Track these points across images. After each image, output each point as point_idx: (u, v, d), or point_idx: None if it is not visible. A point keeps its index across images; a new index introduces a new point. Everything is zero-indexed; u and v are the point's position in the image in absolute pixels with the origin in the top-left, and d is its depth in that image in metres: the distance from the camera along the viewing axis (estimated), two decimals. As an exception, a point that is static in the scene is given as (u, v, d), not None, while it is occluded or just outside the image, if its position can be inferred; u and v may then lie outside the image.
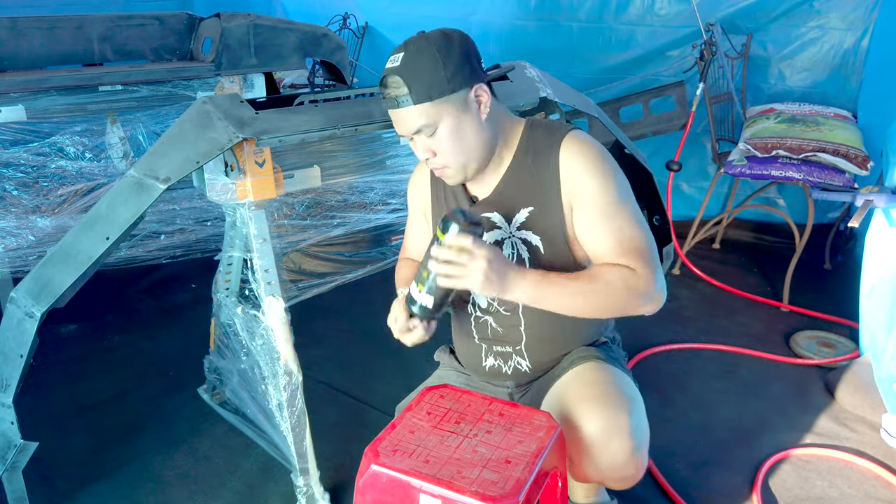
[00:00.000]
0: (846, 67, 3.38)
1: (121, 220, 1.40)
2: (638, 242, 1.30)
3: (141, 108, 2.75)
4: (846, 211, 3.32)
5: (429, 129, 1.27)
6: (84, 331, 2.68)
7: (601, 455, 1.24)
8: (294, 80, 4.60)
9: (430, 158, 1.32)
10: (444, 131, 1.28)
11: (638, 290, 1.26)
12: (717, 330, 2.69)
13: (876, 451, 1.94)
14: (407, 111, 1.26)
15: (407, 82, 1.24)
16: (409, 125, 1.28)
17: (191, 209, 2.49)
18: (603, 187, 1.30)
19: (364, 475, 1.07)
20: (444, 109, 1.26)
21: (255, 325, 1.66)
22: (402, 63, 1.25)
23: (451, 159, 1.31)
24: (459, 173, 1.34)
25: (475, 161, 1.33)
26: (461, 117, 1.28)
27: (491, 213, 1.40)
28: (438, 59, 1.24)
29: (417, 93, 1.24)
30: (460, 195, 1.45)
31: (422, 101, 1.24)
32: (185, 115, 1.48)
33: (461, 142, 1.29)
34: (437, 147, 1.30)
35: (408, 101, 1.25)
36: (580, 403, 1.27)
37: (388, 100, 1.28)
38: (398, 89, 1.25)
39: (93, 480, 1.84)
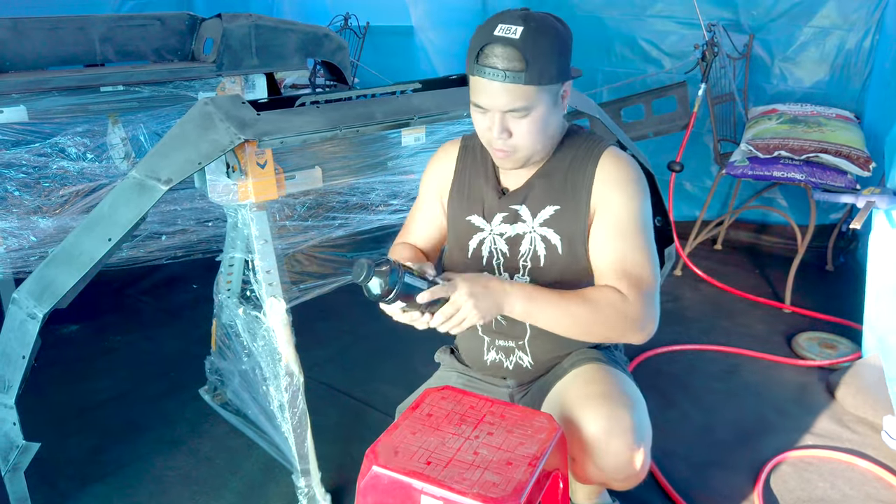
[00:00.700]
0: (848, 68, 3.38)
1: (123, 221, 1.40)
2: (640, 270, 1.29)
3: (142, 108, 2.75)
4: (848, 212, 3.32)
5: (524, 111, 1.23)
6: (85, 331, 2.68)
7: (603, 454, 1.24)
8: (295, 81, 4.61)
9: (504, 139, 1.26)
10: (535, 118, 1.24)
11: (627, 318, 1.25)
12: (718, 331, 2.69)
13: (877, 452, 1.94)
14: (512, 88, 1.20)
15: (527, 59, 1.17)
16: (504, 101, 1.22)
17: (192, 210, 2.49)
18: (628, 206, 1.31)
19: (365, 476, 1.07)
20: (543, 97, 1.23)
21: (257, 326, 1.66)
22: (523, 38, 1.18)
23: (528, 144, 1.28)
24: (524, 158, 1.31)
25: (542, 152, 1.33)
26: (552, 109, 1.26)
27: (518, 206, 1.39)
28: (556, 45, 1.21)
29: (532, 73, 1.18)
30: (489, 183, 1.42)
31: (532, 83, 1.19)
32: (186, 117, 1.48)
33: (543, 131, 1.27)
34: (518, 129, 1.25)
35: (519, 79, 1.18)
36: (581, 403, 1.27)
37: (492, 70, 1.19)
38: (511, 62, 1.18)
39: (94, 481, 1.84)
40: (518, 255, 1.40)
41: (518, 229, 1.39)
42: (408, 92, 1.87)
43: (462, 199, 1.46)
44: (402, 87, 1.88)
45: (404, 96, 1.81)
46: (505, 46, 1.18)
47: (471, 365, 1.56)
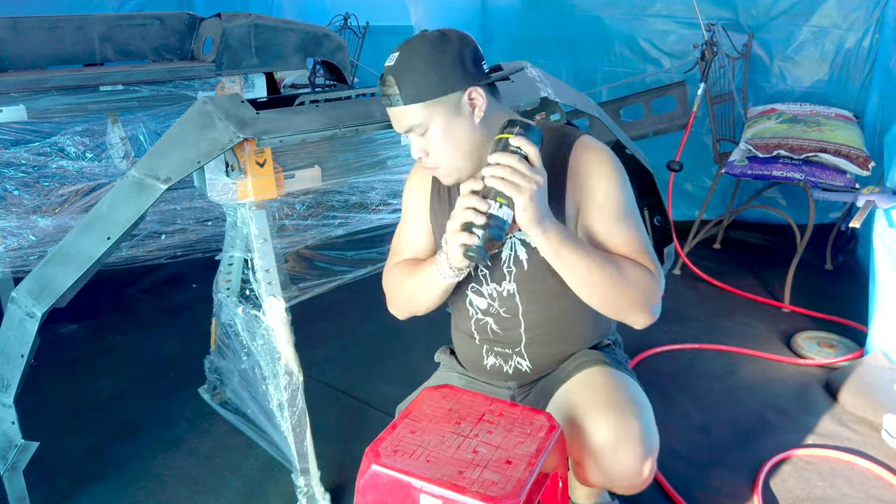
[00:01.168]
0: (848, 67, 3.38)
1: (122, 220, 1.40)
2: (645, 248, 1.31)
3: (142, 107, 2.75)
4: (847, 211, 3.32)
5: (419, 128, 1.27)
6: (85, 331, 2.68)
7: (611, 463, 1.23)
8: (295, 80, 4.61)
9: (423, 157, 1.32)
10: (435, 132, 1.27)
11: (647, 293, 1.26)
12: (718, 330, 2.69)
13: (877, 451, 1.94)
14: (400, 110, 1.27)
15: (398, 82, 1.24)
16: (400, 124, 1.29)
17: (191, 209, 2.49)
18: (612, 193, 1.31)
19: (365, 475, 1.07)
20: (434, 111, 1.26)
21: (256, 325, 1.66)
22: (396, 63, 1.25)
23: (443, 160, 1.30)
24: (452, 174, 1.33)
25: (467, 163, 1.31)
26: (452, 120, 1.27)
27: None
28: (431, 60, 1.24)
29: (407, 94, 1.24)
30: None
31: (412, 102, 1.25)
32: (185, 115, 1.48)
33: (452, 144, 1.28)
34: (428, 147, 1.30)
35: (399, 101, 1.25)
36: (588, 410, 1.27)
37: (384, 97, 1.29)
38: (391, 88, 1.26)
39: (93, 480, 1.84)
40: (500, 263, 1.39)
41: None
42: (407, 91, 1.86)
43: (443, 211, 1.46)
44: (402, 86, 1.88)
45: (404, 95, 1.81)
46: (386, 75, 1.26)
47: (471, 370, 1.55)
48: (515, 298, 1.40)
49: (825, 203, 3.41)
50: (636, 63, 3.83)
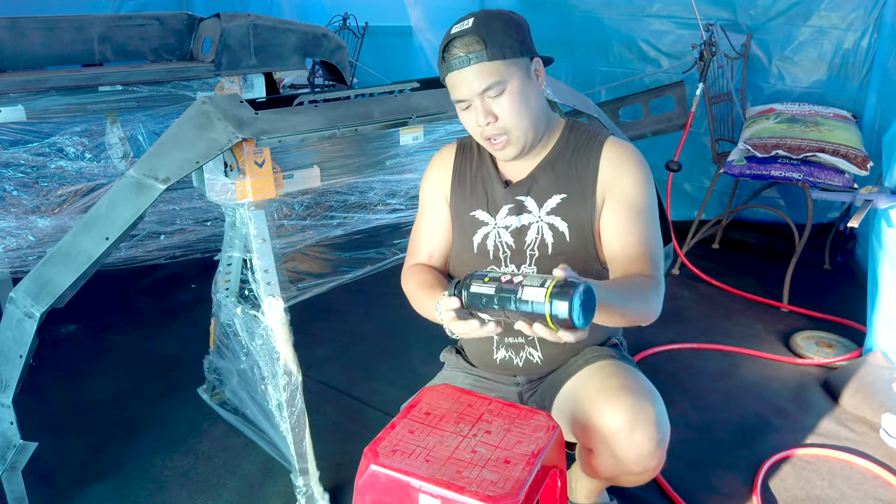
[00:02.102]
0: (846, 67, 3.38)
1: (120, 221, 1.40)
2: (658, 254, 1.33)
3: (141, 108, 2.75)
4: (846, 211, 3.32)
5: (498, 87, 1.26)
6: (84, 331, 2.68)
7: (625, 446, 1.23)
8: (294, 81, 4.61)
9: (491, 123, 1.29)
10: (512, 91, 1.27)
11: (657, 307, 1.28)
12: (716, 330, 2.69)
13: (876, 451, 1.94)
14: (479, 68, 1.25)
15: (483, 38, 1.24)
16: (477, 84, 1.26)
17: (190, 209, 2.49)
18: (638, 189, 1.34)
19: (363, 475, 1.07)
20: (513, 71, 1.27)
21: (255, 325, 1.66)
22: (474, 25, 1.26)
23: (516, 122, 1.29)
24: (519, 141, 1.32)
25: (534, 130, 1.33)
26: (527, 82, 1.29)
27: (524, 197, 1.40)
28: (511, 24, 1.28)
29: (493, 49, 1.25)
30: (490, 177, 1.43)
31: (496, 58, 1.25)
32: (184, 116, 1.48)
33: (526, 106, 1.29)
34: (501, 109, 1.28)
35: (482, 57, 1.25)
36: (601, 395, 1.27)
37: (457, 59, 1.26)
38: (471, 46, 1.25)
39: (93, 480, 1.84)
40: (524, 246, 1.40)
41: (524, 220, 1.40)
42: (406, 91, 1.87)
43: (464, 195, 1.46)
44: (401, 86, 1.88)
45: (402, 95, 1.81)
46: (462, 37, 1.26)
47: (480, 365, 1.55)
48: None
49: (823, 203, 3.41)
50: (635, 63, 3.83)
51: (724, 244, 3.60)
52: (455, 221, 1.48)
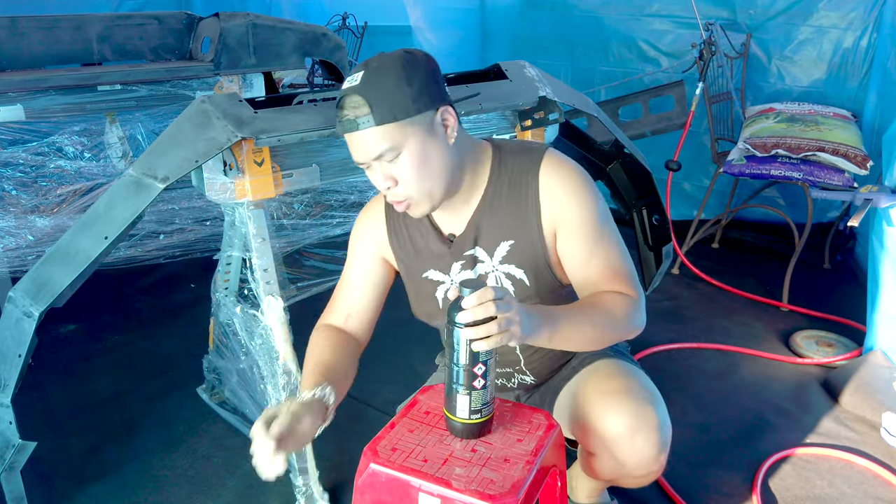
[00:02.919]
0: (846, 67, 3.38)
1: (119, 220, 1.40)
2: (627, 268, 1.26)
3: (140, 107, 2.75)
4: (846, 210, 3.32)
5: (392, 153, 1.15)
6: (83, 331, 2.68)
7: (627, 451, 1.22)
8: (293, 80, 4.61)
9: (392, 188, 1.19)
10: (409, 156, 1.16)
11: (633, 318, 1.21)
12: (716, 329, 2.69)
13: (876, 450, 1.94)
14: (368, 133, 1.14)
15: (369, 101, 1.12)
16: (369, 150, 1.15)
17: (190, 209, 2.49)
18: (587, 212, 1.24)
19: (363, 474, 1.07)
20: (408, 132, 1.15)
21: (254, 324, 1.65)
22: (363, 81, 1.13)
23: (416, 187, 1.18)
24: (425, 203, 1.21)
25: (441, 189, 1.21)
26: (427, 141, 1.17)
27: (471, 250, 1.31)
28: (402, 77, 1.13)
29: (381, 112, 1.12)
30: (429, 234, 1.33)
31: (385, 122, 1.13)
32: (183, 115, 1.48)
33: (427, 167, 1.17)
34: (399, 174, 1.17)
35: (369, 122, 1.13)
36: (602, 398, 1.24)
37: (346, 122, 1.15)
38: (358, 109, 1.13)
39: (92, 480, 1.84)
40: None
41: (480, 270, 1.32)
42: (405, 90, 1.86)
43: (409, 255, 1.37)
44: (400, 85, 1.87)
45: (402, 94, 1.81)
46: (349, 96, 1.13)
47: None
48: None
49: (823, 202, 3.41)
50: (634, 63, 3.83)
51: (724, 243, 3.60)
52: (407, 282, 1.41)
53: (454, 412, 1.10)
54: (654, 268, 2.29)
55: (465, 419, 1.10)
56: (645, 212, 2.23)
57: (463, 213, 1.30)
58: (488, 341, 1.01)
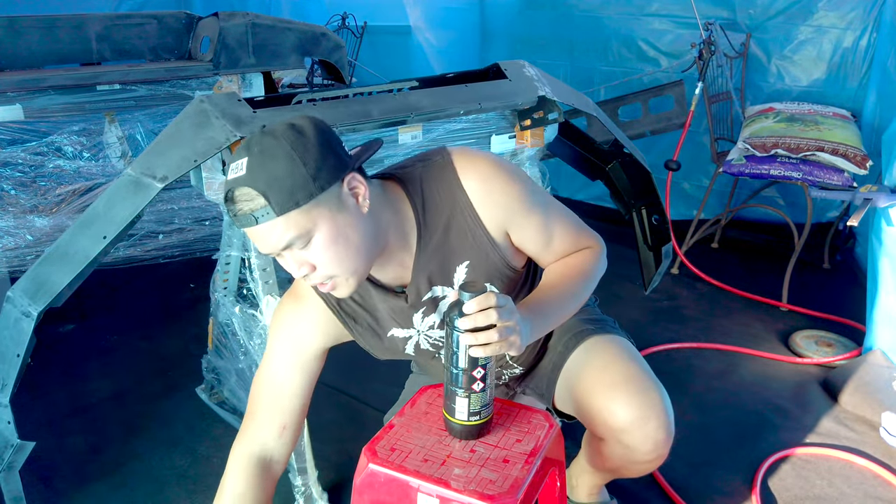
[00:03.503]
0: (845, 66, 3.38)
1: (118, 219, 1.39)
2: (578, 225, 1.30)
3: (139, 107, 2.75)
4: (845, 210, 3.32)
5: (301, 240, 1.04)
6: (82, 331, 2.68)
7: (638, 438, 1.22)
8: (293, 80, 4.61)
9: (310, 273, 1.08)
10: (322, 239, 1.05)
11: (600, 265, 1.29)
12: (716, 329, 2.69)
13: (875, 450, 1.94)
14: (270, 226, 1.01)
15: (262, 192, 0.99)
16: (275, 242, 1.03)
17: (189, 209, 2.49)
18: (524, 196, 1.20)
19: (362, 474, 1.07)
20: (315, 214, 1.03)
21: (253, 324, 1.65)
22: (249, 171, 1.00)
23: (336, 268, 1.08)
24: (351, 280, 1.11)
25: (365, 262, 1.12)
26: (338, 217, 1.05)
27: (429, 292, 1.24)
28: (294, 157, 1.01)
29: (279, 201, 1.00)
30: (377, 296, 1.25)
31: (287, 210, 1.00)
32: (182, 114, 1.47)
33: (344, 246, 1.07)
34: (315, 259, 1.07)
35: (269, 214, 1.00)
36: (607, 392, 1.24)
37: (243, 217, 1.01)
38: (252, 202, 1.00)
39: (91, 480, 1.84)
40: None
41: (444, 306, 1.27)
42: (405, 90, 1.86)
43: (368, 326, 1.30)
44: (399, 85, 1.88)
45: (401, 94, 1.81)
46: (239, 188, 1.01)
47: None
48: None
49: (823, 202, 3.41)
50: (634, 62, 3.83)
51: (724, 243, 3.60)
52: (375, 349, 1.35)
53: (453, 414, 1.10)
54: (654, 268, 2.28)
55: (463, 421, 1.10)
56: (644, 212, 2.23)
57: (404, 262, 1.22)
58: (487, 349, 1.00)
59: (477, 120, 1.94)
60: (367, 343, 1.34)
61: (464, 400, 1.08)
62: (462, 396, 1.07)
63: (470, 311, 1.00)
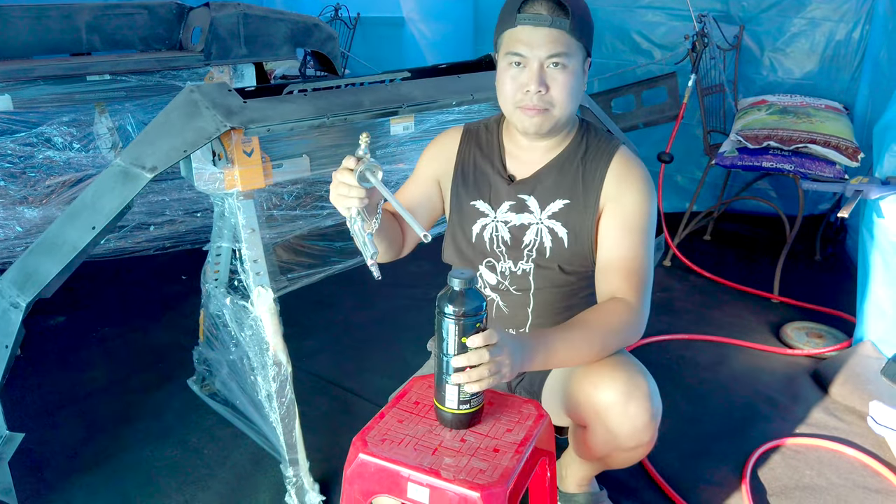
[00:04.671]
0: (838, 59, 3.39)
1: (107, 210, 1.39)
2: (644, 273, 1.31)
3: (129, 98, 2.73)
4: (837, 202, 3.34)
5: (564, 59, 1.25)
6: (73, 323, 2.66)
7: (620, 419, 1.23)
8: (285, 72, 4.58)
9: (542, 92, 1.26)
10: (572, 71, 1.26)
11: (633, 327, 1.27)
12: (708, 321, 2.70)
13: (864, 440, 1.95)
14: (557, 34, 1.23)
15: (573, 11, 1.23)
16: (548, 47, 1.24)
17: (180, 200, 2.48)
18: (639, 207, 1.33)
19: (352, 464, 1.07)
20: (578, 53, 1.27)
21: (244, 315, 1.65)
22: None
23: (563, 100, 1.28)
24: (555, 119, 1.30)
25: (568, 117, 1.32)
26: (578, 74, 1.29)
27: (526, 196, 1.39)
28: (590, 17, 1.29)
29: (575, 23, 1.23)
30: (496, 167, 1.42)
31: (574, 33, 1.24)
32: (172, 104, 1.47)
33: (575, 90, 1.29)
34: (555, 83, 1.26)
35: (563, 25, 1.23)
36: (594, 371, 1.26)
37: (538, 16, 1.23)
38: (556, 11, 1.23)
39: (82, 472, 1.83)
40: (522, 245, 1.40)
41: (524, 219, 1.39)
42: (397, 81, 1.86)
43: (466, 183, 1.44)
44: (391, 75, 1.87)
45: (393, 85, 1.80)
46: None
47: None
48: (529, 277, 1.41)
49: (815, 194, 3.42)
50: (627, 54, 3.83)
51: (716, 236, 3.61)
52: (453, 207, 1.46)
53: (443, 402, 1.10)
54: (646, 259, 2.29)
55: (453, 409, 1.10)
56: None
57: (537, 161, 1.39)
58: (480, 384, 1.06)
59: (469, 111, 1.94)
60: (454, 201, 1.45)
61: (454, 388, 1.08)
62: (451, 384, 1.08)
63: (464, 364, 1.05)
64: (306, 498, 1.68)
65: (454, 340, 1.04)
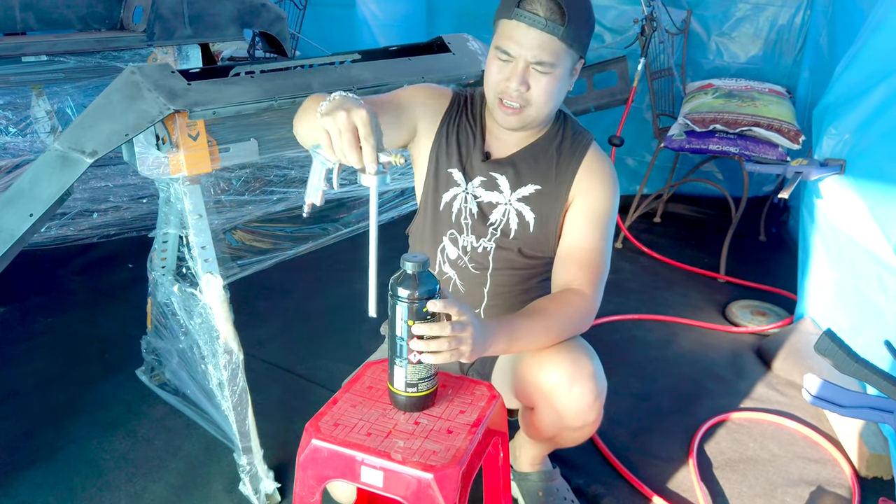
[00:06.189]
0: (781, 44, 3.48)
1: (45, 196, 1.34)
2: (601, 267, 1.35)
3: (68, 80, 2.63)
4: (780, 184, 3.43)
5: (548, 67, 1.25)
6: (14, 314, 2.57)
7: (565, 399, 1.26)
8: (233, 53, 4.47)
9: (519, 91, 1.27)
10: (555, 78, 1.27)
11: (585, 316, 1.31)
12: (657, 301, 2.76)
13: (804, 412, 2.03)
14: (547, 39, 1.23)
15: (568, 16, 1.21)
16: (535, 51, 1.24)
17: (125, 186, 2.40)
18: (605, 203, 1.37)
19: (305, 450, 1.06)
20: (566, 60, 1.27)
21: (193, 303, 1.61)
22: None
23: (540, 103, 1.29)
24: (530, 119, 1.32)
25: (544, 120, 1.35)
26: (566, 78, 1.30)
27: (498, 175, 1.40)
28: (590, 18, 1.29)
29: (569, 31, 1.22)
30: (475, 142, 1.42)
31: (567, 42, 1.23)
32: (112, 86, 1.41)
33: (557, 95, 1.30)
34: (536, 85, 1.27)
35: (556, 31, 1.22)
36: (540, 354, 1.29)
37: (533, 17, 1.22)
38: (554, 14, 1.21)
39: (25, 466, 1.77)
40: (488, 223, 1.41)
41: (493, 198, 1.41)
42: (347, 63, 1.83)
43: (448, 150, 1.43)
44: (342, 57, 1.84)
45: (343, 67, 1.77)
46: (557, 2, 1.21)
47: None
48: (489, 256, 1.43)
49: (759, 176, 3.52)
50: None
51: (665, 218, 3.69)
52: (431, 172, 1.46)
53: (394, 384, 1.10)
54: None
55: (402, 391, 1.10)
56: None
57: (512, 144, 1.41)
58: (437, 356, 1.06)
59: (420, 94, 1.92)
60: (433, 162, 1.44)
61: (408, 370, 1.08)
62: (400, 366, 1.08)
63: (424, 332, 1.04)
64: (261, 486, 1.66)
65: (401, 322, 1.04)
